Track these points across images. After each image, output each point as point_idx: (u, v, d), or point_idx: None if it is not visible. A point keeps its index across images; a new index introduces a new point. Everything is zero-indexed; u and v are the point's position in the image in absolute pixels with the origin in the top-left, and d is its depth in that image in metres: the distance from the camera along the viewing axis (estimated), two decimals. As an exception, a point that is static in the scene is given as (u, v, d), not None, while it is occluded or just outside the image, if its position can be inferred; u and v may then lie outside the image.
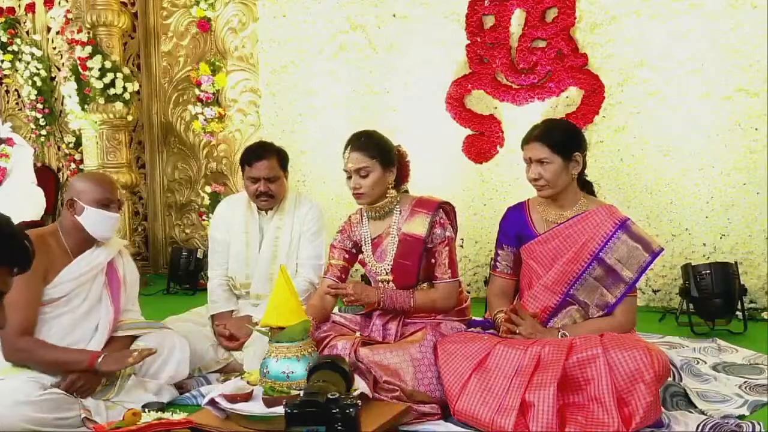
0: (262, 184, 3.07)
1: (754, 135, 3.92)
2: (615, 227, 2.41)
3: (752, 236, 3.94)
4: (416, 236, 2.60)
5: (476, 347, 2.34)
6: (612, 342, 2.19)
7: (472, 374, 2.28)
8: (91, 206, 2.54)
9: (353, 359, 2.39)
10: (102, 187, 2.58)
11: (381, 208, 2.68)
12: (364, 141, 2.63)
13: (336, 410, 1.60)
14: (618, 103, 4.22)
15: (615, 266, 2.39)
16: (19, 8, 6.51)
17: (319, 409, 1.62)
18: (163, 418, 2.29)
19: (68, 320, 2.54)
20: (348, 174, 2.64)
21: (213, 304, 3.16)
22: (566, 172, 2.44)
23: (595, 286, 2.42)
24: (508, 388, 2.20)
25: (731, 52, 3.93)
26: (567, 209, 2.50)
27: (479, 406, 2.21)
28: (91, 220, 2.55)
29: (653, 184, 4.16)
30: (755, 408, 2.42)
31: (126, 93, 5.24)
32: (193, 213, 5.93)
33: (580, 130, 2.62)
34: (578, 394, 2.17)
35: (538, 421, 2.11)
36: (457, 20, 4.60)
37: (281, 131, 5.26)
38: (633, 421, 2.08)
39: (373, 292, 2.62)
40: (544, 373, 2.17)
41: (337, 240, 2.82)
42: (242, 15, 5.53)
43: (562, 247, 2.46)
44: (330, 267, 2.79)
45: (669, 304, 4.08)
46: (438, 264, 2.61)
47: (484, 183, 4.62)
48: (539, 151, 2.43)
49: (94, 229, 2.57)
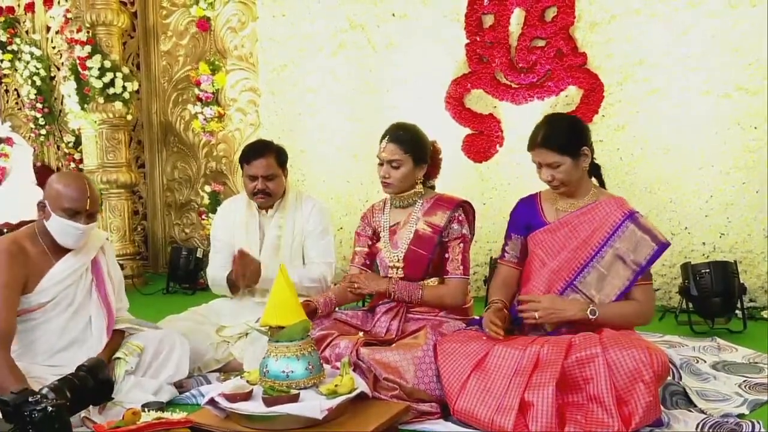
0: (259, 181, 3.08)
1: (754, 134, 3.92)
2: (623, 217, 2.42)
3: (752, 235, 3.95)
4: (434, 226, 2.65)
5: (475, 347, 2.34)
6: (611, 341, 2.19)
7: (471, 374, 2.28)
8: (57, 214, 2.44)
9: (354, 359, 2.40)
10: (71, 196, 2.43)
11: (405, 198, 2.73)
12: (402, 134, 2.67)
13: (27, 412, 1.79)
14: (617, 102, 4.22)
15: (623, 255, 2.39)
16: (18, 8, 6.52)
17: (11, 408, 1.82)
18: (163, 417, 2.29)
19: (61, 322, 2.52)
20: (380, 161, 2.68)
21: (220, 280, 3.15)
22: (577, 167, 2.45)
23: (602, 275, 2.41)
24: (507, 388, 2.20)
25: (730, 51, 3.93)
26: (578, 199, 2.51)
27: (478, 406, 2.21)
28: (56, 228, 2.46)
29: (653, 183, 4.17)
30: (755, 407, 2.42)
31: (125, 92, 5.24)
32: (192, 212, 5.93)
33: (582, 122, 2.60)
34: (577, 393, 2.17)
35: (537, 421, 2.11)
36: (456, 19, 4.61)
37: (281, 130, 5.26)
38: (633, 420, 2.08)
39: (383, 281, 2.66)
40: (543, 372, 2.17)
41: (360, 227, 2.88)
42: (241, 14, 5.53)
43: (569, 236, 2.47)
44: (355, 255, 2.84)
45: (668, 303, 4.08)
46: (451, 259, 2.65)
47: (484, 182, 4.62)
48: (548, 156, 2.43)
49: (60, 238, 2.48)
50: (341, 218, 4.97)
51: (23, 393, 1.87)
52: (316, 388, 2.18)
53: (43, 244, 2.52)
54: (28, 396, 1.84)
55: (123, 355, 2.61)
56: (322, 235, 3.19)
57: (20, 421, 1.81)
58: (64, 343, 2.52)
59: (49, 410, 1.81)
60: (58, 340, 2.51)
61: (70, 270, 2.53)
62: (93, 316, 2.60)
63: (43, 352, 2.52)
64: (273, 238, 3.16)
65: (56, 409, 1.83)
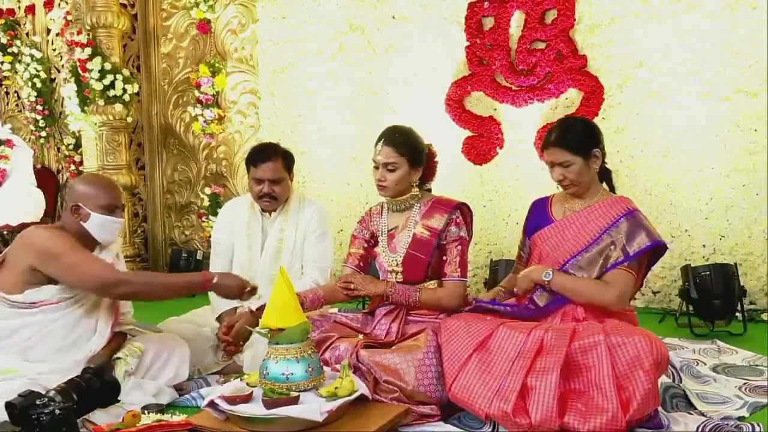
0: (266, 185, 3.08)
1: (754, 136, 3.92)
2: (623, 213, 2.47)
3: (752, 237, 3.95)
4: (432, 229, 2.65)
5: (479, 327, 2.35)
6: (613, 329, 2.22)
7: (473, 354, 2.28)
8: (97, 212, 2.55)
9: (354, 361, 2.39)
10: (108, 193, 2.58)
11: (402, 202, 2.72)
12: (398, 137, 2.67)
13: (34, 415, 1.80)
14: (617, 105, 4.23)
15: (617, 241, 2.44)
16: (19, 10, 6.52)
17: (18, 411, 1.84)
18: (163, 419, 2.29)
19: (72, 319, 2.55)
20: (375, 165, 2.68)
21: (217, 304, 3.16)
22: (588, 169, 2.51)
23: (595, 260, 2.46)
24: (510, 371, 2.20)
25: (730, 53, 3.93)
26: (586, 200, 2.57)
27: (478, 386, 2.21)
28: (97, 226, 2.57)
29: (653, 186, 4.17)
30: (755, 409, 2.42)
31: (126, 95, 5.25)
32: (192, 214, 5.93)
33: (595, 125, 2.69)
34: (579, 380, 2.18)
35: (538, 406, 2.11)
36: (456, 22, 4.61)
37: (281, 132, 5.26)
38: (630, 407, 2.08)
39: (381, 284, 2.66)
40: (547, 357, 2.18)
41: (357, 230, 2.87)
42: (242, 16, 5.54)
43: (574, 233, 2.53)
44: (349, 256, 2.84)
45: (669, 306, 4.08)
46: (448, 262, 2.65)
47: (484, 184, 4.62)
48: (560, 155, 2.50)
49: (100, 235, 2.60)
50: (341, 220, 4.97)
51: (30, 396, 1.87)
52: (315, 390, 2.18)
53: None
54: (35, 399, 1.84)
55: (123, 355, 2.61)
56: (321, 238, 3.18)
57: (27, 424, 1.81)
58: (71, 340, 2.53)
59: (56, 413, 1.81)
60: (65, 338, 2.53)
61: None
62: (101, 317, 2.63)
63: (49, 346, 2.52)
64: (275, 240, 3.16)
65: (64, 412, 1.83)
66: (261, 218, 3.21)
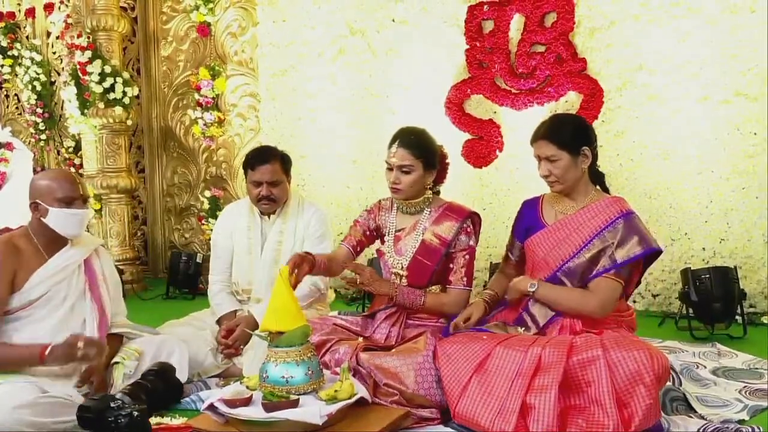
0: (264, 188, 3.09)
1: (753, 139, 3.92)
2: (617, 215, 2.45)
3: (751, 240, 3.94)
4: (442, 238, 2.63)
5: (476, 348, 2.34)
6: (612, 342, 2.20)
7: (472, 376, 2.28)
8: (54, 206, 2.50)
9: (354, 364, 2.39)
10: (62, 185, 2.51)
11: (414, 204, 2.70)
12: (414, 139, 2.63)
13: (111, 418, 1.80)
14: (617, 108, 4.23)
15: (607, 247, 2.42)
16: (19, 13, 6.53)
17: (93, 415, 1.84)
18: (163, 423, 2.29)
19: (53, 322, 2.51)
20: (389, 166, 2.64)
21: (217, 307, 3.17)
22: (575, 167, 2.48)
23: (587, 267, 2.45)
24: (509, 390, 2.20)
25: (730, 57, 3.94)
26: (578, 202, 2.54)
27: (480, 408, 2.21)
28: (56, 220, 2.51)
29: (652, 189, 4.17)
30: (755, 413, 2.42)
31: (126, 97, 5.24)
32: (192, 217, 5.93)
33: (587, 123, 2.66)
34: (579, 396, 2.17)
35: (538, 424, 2.11)
36: (456, 25, 4.61)
37: (281, 135, 5.26)
38: (632, 423, 2.08)
39: (386, 284, 2.64)
40: (545, 375, 2.17)
41: (362, 217, 2.84)
42: (242, 19, 5.54)
43: (566, 238, 2.50)
44: (348, 237, 2.81)
45: (668, 309, 4.08)
46: (455, 270, 2.64)
47: (484, 187, 4.62)
48: (547, 149, 2.47)
49: (62, 230, 2.54)
50: (341, 223, 4.96)
51: (104, 399, 1.85)
52: (315, 393, 2.19)
53: (37, 243, 2.56)
54: (108, 402, 1.81)
55: (121, 359, 2.60)
56: (320, 240, 3.18)
57: (103, 428, 1.77)
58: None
59: (135, 415, 1.79)
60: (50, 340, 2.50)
61: (62, 265, 2.56)
62: (87, 318, 2.60)
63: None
64: (274, 243, 3.17)
65: (141, 414, 1.81)
66: (260, 221, 3.22)
